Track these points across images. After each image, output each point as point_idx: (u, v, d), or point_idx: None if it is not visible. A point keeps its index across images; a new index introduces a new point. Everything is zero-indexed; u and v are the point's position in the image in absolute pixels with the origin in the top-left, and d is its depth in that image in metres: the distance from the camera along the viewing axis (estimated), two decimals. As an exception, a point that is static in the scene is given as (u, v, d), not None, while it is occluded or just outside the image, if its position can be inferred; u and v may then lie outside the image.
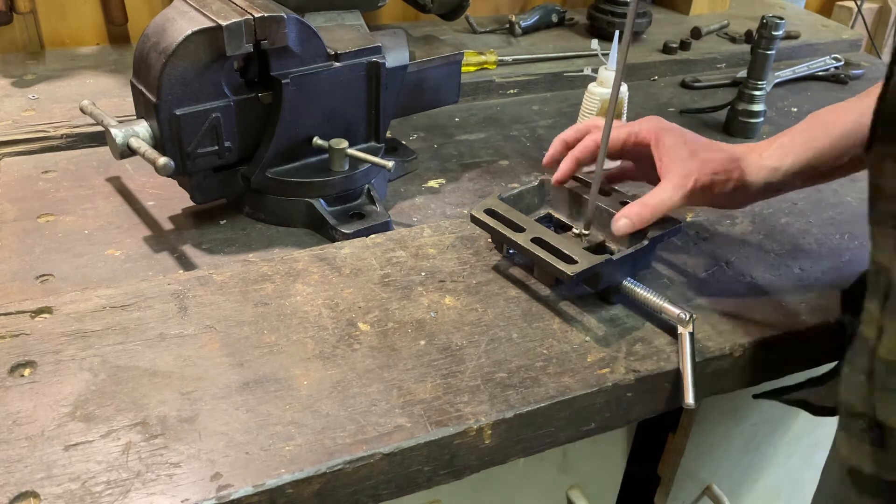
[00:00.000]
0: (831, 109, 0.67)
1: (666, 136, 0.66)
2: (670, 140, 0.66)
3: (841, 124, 0.65)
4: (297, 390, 0.56)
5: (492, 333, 0.62)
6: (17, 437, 0.50)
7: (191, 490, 0.48)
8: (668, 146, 0.66)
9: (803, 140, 0.66)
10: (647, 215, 0.64)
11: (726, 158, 0.66)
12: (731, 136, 1.05)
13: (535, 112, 1.08)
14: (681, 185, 0.64)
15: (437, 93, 0.90)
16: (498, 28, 1.30)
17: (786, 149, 0.66)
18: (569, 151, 0.70)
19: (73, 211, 0.78)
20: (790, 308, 0.68)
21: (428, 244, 0.73)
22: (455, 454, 0.55)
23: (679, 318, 0.61)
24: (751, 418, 0.83)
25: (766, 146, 0.67)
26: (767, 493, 0.95)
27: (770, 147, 0.67)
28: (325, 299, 0.65)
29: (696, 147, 0.66)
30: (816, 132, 0.66)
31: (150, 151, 0.67)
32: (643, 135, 0.67)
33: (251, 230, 0.78)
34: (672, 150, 0.65)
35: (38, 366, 0.56)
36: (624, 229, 0.63)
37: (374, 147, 0.83)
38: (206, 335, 0.60)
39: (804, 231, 0.80)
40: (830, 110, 0.67)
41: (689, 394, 0.59)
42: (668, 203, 0.64)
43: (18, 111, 0.93)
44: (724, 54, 1.30)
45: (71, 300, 0.62)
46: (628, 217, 0.63)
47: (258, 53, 0.72)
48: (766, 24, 0.97)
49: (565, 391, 0.58)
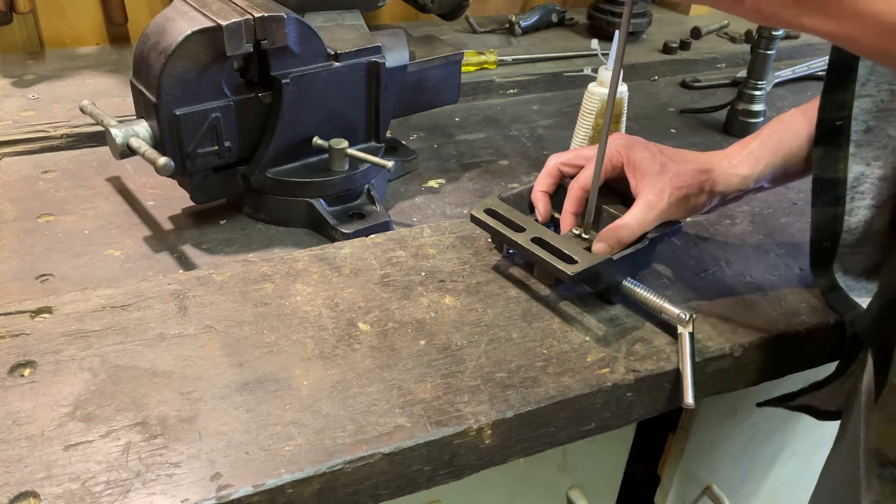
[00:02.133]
0: (796, 112, 0.69)
1: (635, 154, 0.67)
2: (639, 156, 0.67)
3: (808, 125, 0.67)
4: (297, 390, 0.56)
5: (492, 333, 0.62)
6: (17, 437, 0.50)
7: (191, 490, 0.48)
8: (639, 163, 0.67)
9: (773, 144, 0.68)
10: (626, 238, 0.64)
11: (697, 170, 0.67)
12: (731, 136, 1.05)
13: (535, 112, 1.08)
14: (654, 204, 0.65)
15: (437, 93, 0.90)
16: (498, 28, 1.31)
17: (756, 155, 0.68)
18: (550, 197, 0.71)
19: (73, 211, 0.78)
20: (790, 308, 0.68)
21: (428, 244, 0.73)
22: (455, 454, 0.55)
23: (679, 318, 0.61)
24: (751, 418, 0.83)
25: (736, 152, 0.69)
26: (767, 493, 0.95)
27: (740, 153, 0.68)
28: (325, 299, 0.65)
29: (665, 161, 0.67)
30: (784, 136, 0.68)
31: (150, 151, 0.67)
32: (614, 157, 0.68)
33: (251, 230, 0.78)
34: (642, 166, 0.66)
35: (38, 366, 0.56)
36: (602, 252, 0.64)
37: (374, 147, 0.83)
38: (206, 335, 0.60)
39: (804, 231, 0.80)
40: (795, 113, 0.69)
41: (689, 394, 0.59)
42: (643, 223, 0.65)
43: (18, 111, 0.93)
44: (724, 54, 1.30)
45: (71, 300, 0.62)
46: (605, 241, 0.64)
47: (258, 53, 0.72)
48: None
49: (565, 391, 0.58)
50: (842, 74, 0.59)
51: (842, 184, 0.62)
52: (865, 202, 0.62)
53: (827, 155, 0.62)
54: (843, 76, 0.59)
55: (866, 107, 0.59)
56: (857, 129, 0.60)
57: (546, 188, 0.71)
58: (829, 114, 0.60)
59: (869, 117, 0.60)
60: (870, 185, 0.61)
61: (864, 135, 0.60)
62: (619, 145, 0.68)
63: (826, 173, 0.62)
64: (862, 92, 0.59)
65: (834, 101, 0.60)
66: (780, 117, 0.70)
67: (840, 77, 0.59)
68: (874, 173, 0.61)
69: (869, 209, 0.62)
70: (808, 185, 0.85)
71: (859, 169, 0.61)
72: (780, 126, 0.69)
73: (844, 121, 0.60)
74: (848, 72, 0.59)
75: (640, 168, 0.66)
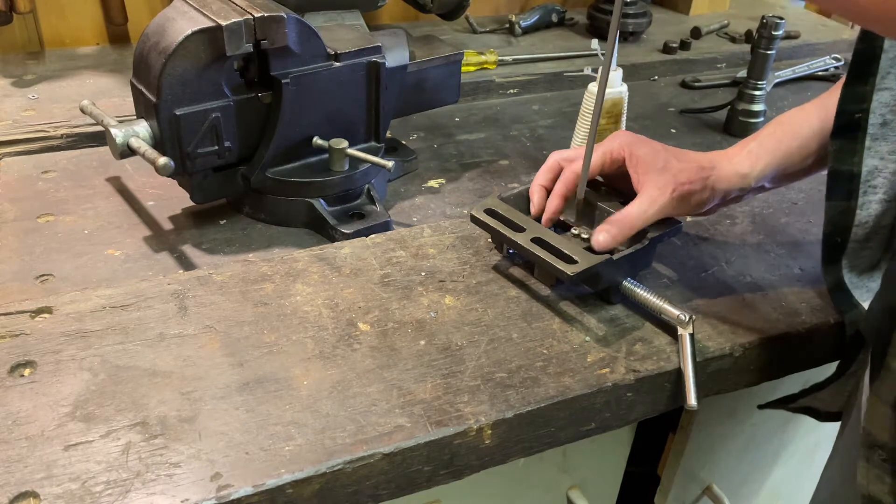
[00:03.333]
0: (795, 112, 0.70)
1: (638, 150, 0.67)
2: (643, 153, 0.67)
3: (807, 126, 0.67)
4: (297, 390, 0.56)
5: (492, 333, 0.62)
6: (17, 437, 0.50)
7: (191, 490, 0.48)
8: (642, 159, 0.67)
9: (772, 144, 0.68)
10: (627, 230, 0.64)
11: (699, 168, 0.67)
12: (731, 136, 1.05)
13: (535, 112, 1.08)
14: (657, 198, 0.65)
15: (437, 93, 0.90)
16: (498, 28, 1.30)
17: (755, 154, 0.68)
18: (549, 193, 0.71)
19: (73, 211, 0.78)
20: (790, 308, 0.68)
21: (428, 244, 0.73)
22: (455, 454, 0.55)
23: (679, 320, 0.61)
24: (751, 418, 0.83)
25: (736, 152, 0.69)
26: (767, 493, 0.95)
27: (740, 153, 0.68)
28: (325, 299, 0.65)
29: (668, 158, 0.67)
30: (783, 136, 0.68)
31: (150, 151, 0.67)
32: (616, 152, 0.68)
33: (251, 230, 0.78)
34: (645, 162, 0.66)
35: (38, 366, 0.56)
36: (602, 244, 0.64)
37: (374, 147, 0.83)
38: (206, 335, 0.60)
39: (804, 231, 0.80)
40: (794, 113, 0.69)
41: (692, 395, 0.59)
42: (644, 216, 0.65)
43: (18, 111, 0.93)
44: (724, 54, 1.30)
45: (71, 300, 0.62)
46: (608, 232, 0.64)
47: (258, 53, 0.72)
48: (766, 24, 0.97)
49: (565, 391, 0.58)
50: (864, 67, 0.58)
51: (856, 178, 0.61)
52: (877, 196, 0.61)
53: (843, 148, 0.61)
54: (864, 69, 0.58)
55: (885, 100, 0.59)
56: (874, 123, 0.59)
57: (545, 182, 0.71)
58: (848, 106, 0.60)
59: (886, 111, 0.59)
60: (883, 180, 0.61)
61: (881, 128, 0.59)
62: (623, 141, 0.68)
63: (842, 166, 0.61)
64: (882, 85, 0.58)
65: (854, 93, 0.59)
66: (778, 118, 0.70)
67: (862, 69, 0.58)
68: (888, 168, 0.60)
69: (880, 203, 0.62)
70: (808, 185, 0.86)
71: (873, 163, 0.60)
72: (779, 127, 0.69)
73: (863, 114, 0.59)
74: (870, 64, 0.58)
75: (642, 163, 0.66)
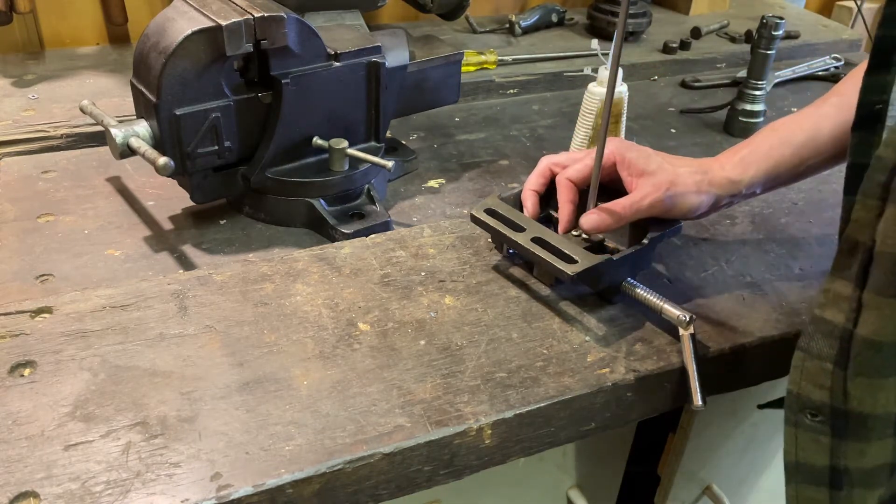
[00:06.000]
0: (788, 120, 0.70)
1: (629, 153, 0.67)
2: (634, 156, 0.67)
3: (800, 133, 0.67)
4: (297, 390, 0.56)
5: (492, 333, 0.62)
6: (17, 437, 0.50)
7: (191, 490, 0.48)
8: (633, 162, 0.67)
9: (764, 151, 0.68)
10: (617, 217, 0.65)
11: (692, 171, 0.67)
12: (731, 136, 1.05)
13: (535, 112, 1.08)
14: (650, 193, 0.65)
15: (437, 93, 0.90)
16: (498, 28, 1.30)
17: (746, 161, 0.68)
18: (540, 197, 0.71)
19: (73, 211, 0.78)
20: (790, 308, 0.68)
21: (428, 244, 0.73)
22: (455, 454, 0.55)
23: (679, 320, 0.61)
24: (751, 418, 0.83)
25: (728, 158, 0.69)
26: (767, 493, 0.95)
27: (732, 159, 0.69)
28: (325, 299, 0.65)
29: (660, 162, 0.67)
30: (776, 143, 0.68)
31: (150, 151, 0.67)
32: (607, 157, 0.68)
33: (251, 230, 0.78)
34: (637, 165, 0.67)
35: (38, 366, 0.56)
36: (590, 224, 0.64)
37: (374, 147, 0.83)
38: (206, 335, 0.60)
39: (804, 231, 0.80)
40: (787, 121, 0.70)
41: (697, 396, 0.59)
42: (634, 207, 0.65)
43: (18, 111, 0.93)
44: (724, 54, 1.30)
45: (71, 300, 0.62)
46: (598, 216, 0.64)
47: (258, 53, 0.72)
48: (766, 24, 0.97)
49: (565, 391, 0.58)
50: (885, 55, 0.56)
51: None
52: None
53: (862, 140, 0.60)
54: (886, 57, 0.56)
55: None
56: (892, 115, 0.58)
57: (536, 187, 0.71)
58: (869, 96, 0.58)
59: None
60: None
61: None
62: (612, 147, 0.68)
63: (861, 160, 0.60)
64: None
65: (875, 83, 0.56)
66: (772, 124, 0.70)
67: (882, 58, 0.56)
68: None
69: None
70: (808, 185, 0.86)
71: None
72: (772, 134, 0.69)
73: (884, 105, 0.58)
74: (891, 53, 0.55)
75: (634, 166, 0.67)
